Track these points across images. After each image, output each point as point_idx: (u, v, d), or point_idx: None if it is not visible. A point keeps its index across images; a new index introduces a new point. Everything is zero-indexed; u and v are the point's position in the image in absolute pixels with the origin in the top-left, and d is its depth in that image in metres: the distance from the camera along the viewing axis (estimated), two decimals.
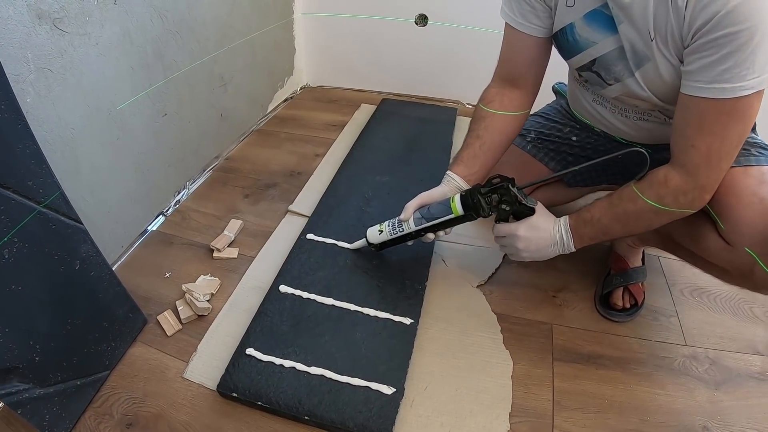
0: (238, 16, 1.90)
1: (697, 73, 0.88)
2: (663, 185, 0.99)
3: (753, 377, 1.19)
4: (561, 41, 1.13)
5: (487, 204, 1.14)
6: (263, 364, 1.11)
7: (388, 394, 1.05)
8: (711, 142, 0.92)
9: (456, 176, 1.24)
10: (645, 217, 1.04)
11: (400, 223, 1.26)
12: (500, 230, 1.19)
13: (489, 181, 1.14)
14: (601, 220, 1.09)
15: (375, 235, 1.33)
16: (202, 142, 1.82)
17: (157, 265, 1.44)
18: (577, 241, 1.13)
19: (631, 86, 1.06)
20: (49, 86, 1.13)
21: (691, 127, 0.93)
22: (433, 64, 2.40)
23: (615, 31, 1.00)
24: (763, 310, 1.35)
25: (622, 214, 1.06)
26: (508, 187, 1.12)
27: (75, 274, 1.03)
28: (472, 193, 1.15)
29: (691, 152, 0.95)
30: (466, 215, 1.17)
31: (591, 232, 1.11)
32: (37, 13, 1.06)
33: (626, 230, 1.10)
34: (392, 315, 1.23)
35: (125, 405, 1.08)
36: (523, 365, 1.19)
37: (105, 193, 1.37)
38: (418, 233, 1.25)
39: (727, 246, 1.01)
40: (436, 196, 1.24)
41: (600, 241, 1.13)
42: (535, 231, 1.14)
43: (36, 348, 0.94)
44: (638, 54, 0.99)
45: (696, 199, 0.98)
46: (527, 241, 1.15)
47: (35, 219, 0.92)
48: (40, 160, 0.93)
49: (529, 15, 1.13)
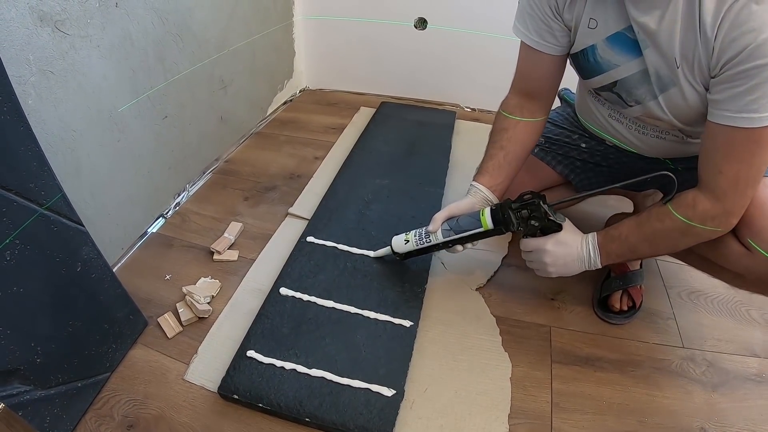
0: (238, 19, 1.91)
1: (725, 102, 0.88)
2: (691, 208, 0.99)
3: (750, 379, 1.19)
4: (581, 62, 1.13)
5: (517, 219, 1.14)
6: (264, 366, 1.11)
7: (389, 396, 1.06)
8: (738, 169, 0.92)
9: (482, 187, 1.24)
10: (672, 236, 1.04)
11: (427, 234, 1.25)
12: (528, 245, 1.18)
13: (520, 197, 1.14)
14: (628, 239, 1.09)
15: (400, 245, 1.32)
16: (202, 145, 1.83)
17: (158, 267, 1.45)
18: (603, 258, 1.12)
19: (653, 109, 1.06)
20: (51, 88, 1.13)
21: (719, 154, 0.94)
22: (432, 67, 2.41)
23: (638, 54, 1.00)
24: (760, 313, 1.36)
25: (650, 234, 1.06)
26: (539, 204, 1.11)
27: (76, 276, 1.03)
28: (503, 207, 1.15)
29: (719, 178, 0.95)
30: (495, 229, 1.17)
31: (618, 250, 1.11)
32: (38, 15, 1.07)
33: (653, 249, 1.10)
34: (392, 317, 1.23)
35: (126, 407, 1.09)
36: (521, 367, 1.19)
37: (105, 195, 1.37)
38: (446, 245, 1.25)
39: (747, 252, 1.01)
40: (464, 207, 1.23)
41: (626, 259, 1.15)
42: (563, 247, 1.14)
43: (37, 350, 0.94)
44: (663, 79, 0.99)
45: (723, 223, 0.98)
46: (555, 256, 1.15)
47: (37, 221, 0.92)
48: (42, 162, 0.94)
49: (546, 35, 1.12)
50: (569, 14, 1.06)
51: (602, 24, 1.02)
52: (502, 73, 1.36)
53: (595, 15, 1.02)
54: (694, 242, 1.03)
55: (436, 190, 1.70)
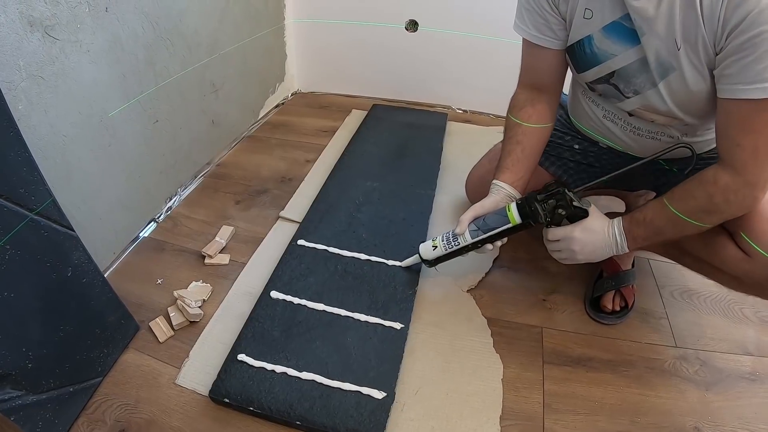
0: (229, 23, 1.91)
1: (735, 76, 0.87)
2: (712, 184, 0.98)
3: (743, 377, 1.20)
4: (577, 54, 1.12)
5: (544, 210, 1.12)
6: (255, 369, 1.11)
7: (379, 398, 1.06)
8: (756, 140, 0.91)
9: (504, 184, 1.22)
10: (696, 217, 1.02)
11: (455, 237, 1.24)
12: (555, 234, 1.16)
13: (546, 188, 1.13)
14: (653, 222, 1.07)
15: (429, 251, 1.30)
16: (193, 149, 1.83)
17: (149, 271, 1.44)
18: (630, 242, 1.10)
19: (651, 98, 1.05)
20: (41, 93, 1.13)
21: (735, 127, 0.93)
22: (423, 69, 2.41)
23: (636, 43, 0.99)
24: (753, 311, 1.37)
25: (673, 215, 1.04)
26: (564, 192, 1.11)
27: (67, 281, 1.03)
28: (528, 200, 1.14)
29: (737, 151, 0.94)
30: (523, 223, 1.15)
31: (644, 233, 1.09)
32: (28, 20, 1.07)
33: (678, 231, 1.06)
34: (383, 320, 1.24)
35: (118, 411, 1.08)
36: (513, 368, 1.19)
37: (97, 199, 1.37)
38: (475, 245, 1.23)
39: (746, 257, 1.01)
40: (489, 206, 1.21)
41: (653, 242, 1.12)
42: (591, 233, 1.12)
43: (29, 355, 0.94)
44: (663, 64, 0.98)
45: (747, 197, 0.97)
46: (583, 243, 1.13)
47: (27, 226, 0.92)
48: (32, 167, 0.94)
49: (543, 28, 1.13)
50: (565, 5, 1.07)
51: (598, 14, 1.02)
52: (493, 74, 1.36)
53: (590, 5, 1.02)
54: (719, 220, 1.02)
55: (428, 192, 1.71)
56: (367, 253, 1.43)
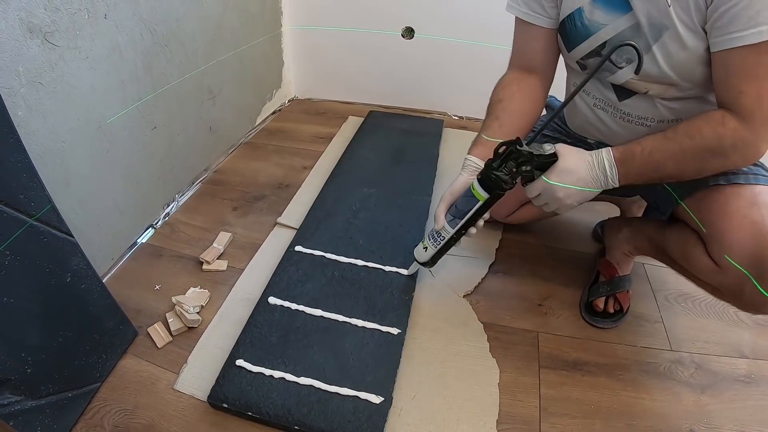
0: (226, 30, 1.92)
1: (728, 25, 0.87)
2: (722, 125, 0.95)
3: (739, 380, 1.21)
4: (568, 29, 1.12)
5: (507, 174, 1.04)
6: (253, 375, 1.12)
7: (377, 403, 1.07)
8: (760, 87, 0.90)
9: (475, 159, 1.18)
10: (700, 157, 0.99)
11: (438, 233, 1.21)
12: (533, 190, 1.09)
13: (495, 153, 1.05)
14: (653, 155, 1.02)
15: (422, 254, 1.28)
16: (190, 155, 1.83)
17: (147, 277, 1.45)
18: (622, 176, 1.05)
19: (645, 64, 1.02)
20: (40, 99, 1.14)
21: (737, 76, 0.92)
22: (419, 76, 2.42)
23: (626, 10, 0.99)
24: (747, 314, 1.37)
25: (678, 150, 1.00)
26: (518, 150, 1.02)
27: (66, 286, 1.04)
28: (486, 171, 1.06)
29: (741, 98, 0.93)
30: (492, 195, 1.08)
31: (640, 168, 1.04)
32: (28, 27, 1.07)
33: (679, 169, 1.02)
34: (380, 325, 1.24)
35: (116, 417, 1.09)
36: (509, 373, 1.20)
37: (95, 205, 1.37)
38: (459, 233, 1.19)
39: (716, 267, 1.02)
40: (458, 188, 1.17)
41: (647, 179, 1.06)
42: (569, 174, 1.05)
43: (27, 360, 0.94)
44: (655, 25, 0.98)
45: (752, 146, 0.95)
46: (564, 187, 1.06)
47: (27, 232, 0.92)
48: (32, 173, 0.94)
49: (534, 5, 1.14)
50: None
51: None
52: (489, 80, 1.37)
53: None
54: (722, 166, 1.00)
55: (424, 198, 1.72)
56: (364, 259, 1.44)
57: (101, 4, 1.27)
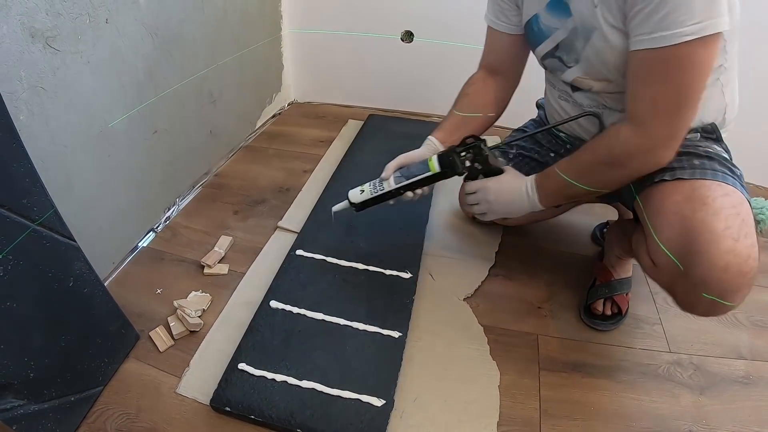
0: (226, 34, 1.92)
1: (639, 27, 0.90)
2: (613, 137, 1.02)
3: (737, 381, 1.21)
4: (528, 32, 1.21)
5: (462, 162, 1.23)
6: (255, 378, 1.12)
7: (379, 406, 1.07)
8: (655, 93, 0.93)
9: (435, 140, 1.35)
10: (600, 169, 1.07)
11: (381, 182, 1.31)
12: (471, 186, 1.28)
13: (463, 141, 1.24)
14: (560, 175, 1.13)
15: (357, 195, 1.35)
16: (191, 159, 1.84)
17: (149, 281, 1.45)
18: (542, 196, 1.18)
19: (585, 63, 1.10)
20: (42, 104, 1.14)
21: (637, 80, 0.96)
22: (419, 79, 2.43)
23: (570, 14, 1.05)
24: (745, 315, 1.38)
25: (581, 167, 1.10)
26: (480, 147, 1.22)
27: (68, 291, 1.04)
28: (449, 152, 1.24)
29: (636, 104, 0.97)
30: (442, 172, 1.24)
31: (554, 186, 1.16)
32: (30, 31, 1.08)
33: (587, 184, 1.10)
34: (381, 328, 1.24)
35: (119, 420, 1.09)
36: (510, 375, 1.20)
37: (96, 209, 1.38)
38: (398, 191, 1.29)
39: (654, 266, 1.02)
40: (415, 157, 1.31)
41: (565, 196, 1.18)
42: (505, 185, 1.23)
43: (30, 364, 0.94)
44: (586, 27, 1.03)
45: (650, 153, 0.99)
46: (497, 193, 1.24)
47: (29, 237, 0.93)
48: (35, 178, 0.94)
49: (500, 15, 1.25)
50: None
51: None
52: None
53: None
54: (624, 176, 1.05)
55: (424, 202, 1.71)
56: (365, 262, 1.44)
57: (102, 8, 1.27)
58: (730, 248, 0.88)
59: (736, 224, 0.90)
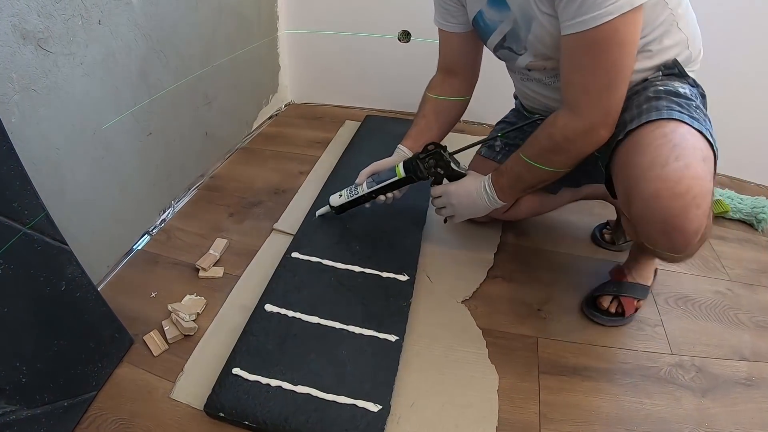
0: (222, 35, 1.91)
1: (563, 14, 0.93)
2: (552, 125, 1.09)
3: (740, 383, 1.20)
4: (477, 28, 1.26)
5: (425, 168, 1.36)
6: (249, 383, 1.10)
7: (375, 411, 1.06)
8: (584, 76, 0.96)
9: (404, 148, 1.47)
10: (546, 158, 1.14)
11: (356, 187, 1.49)
12: (436, 190, 1.40)
13: (425, 148, 1.35)
14: (513, 169, 1.22)
15: (336, 199, 1.54)
16: (186, 161, 1.83)
17: (143, 284, 1.44)
18: (498, 192, 1.28)
19: (533, 48, 1.14)
20: (34, 107, 1.13)
21: (567, 66, 1.00)
22: (416, 80, 2.39)
23: (509, 8, 1.10)
24: (748, 316, 1.38)
25: (527, 158, 1.17)
26: (440, 153, 1.33)
27: (61, 295, 1.02)
28: (413, 159, 1.37)
29: (568, 89, 1.01)
30: (407, 177, 1.39)
31: (507, 181, 1.25)
32: (21, 33, 1.06)
33: (535, 176, 1.19)
34: (377, 332, 1.23)
35: (113, 426, 1.07)
36: (509, 379, 1.19)
37: (90, 212, 1.36)
38: (371, 195, 1.47)
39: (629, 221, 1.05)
40: (386, 164, 1.47)
41: (519, 190, 1.27)
42: (465, 187, 1.33)
43: (22, 369, 0.93)
44: (525, 16, 1.08)
45: (588, 134, 1.03)
46: (459, 195, 1.34)
47: (20, 241, 0.92)
48: (26, 181, 0.93)
49: (447, 16, 1.32)
50: None
51: None
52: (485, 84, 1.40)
53: None
54: (569, 159, 1.11)
55: (421, 203, 1.71)
56: (361, 265, 1.43)
57: (95, 9, 1.26)
58: (657, 175, 0.90)
59: (665, 152, 0.91)
